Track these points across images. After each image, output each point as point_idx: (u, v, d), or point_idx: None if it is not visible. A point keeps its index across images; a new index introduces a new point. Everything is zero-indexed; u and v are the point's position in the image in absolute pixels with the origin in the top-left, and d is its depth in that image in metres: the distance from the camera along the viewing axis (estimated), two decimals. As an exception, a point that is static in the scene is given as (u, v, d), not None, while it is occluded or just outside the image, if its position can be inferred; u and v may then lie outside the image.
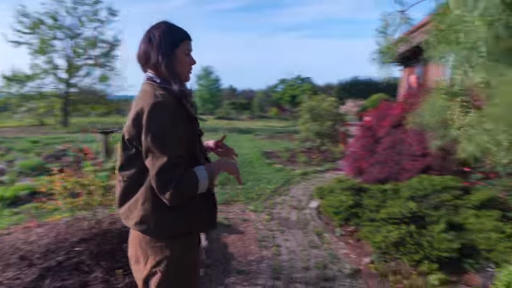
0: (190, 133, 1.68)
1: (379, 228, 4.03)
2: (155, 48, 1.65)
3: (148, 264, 1.68)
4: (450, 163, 5.54)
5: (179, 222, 1.65)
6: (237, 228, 4.50)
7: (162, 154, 1.52)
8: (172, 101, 1.62)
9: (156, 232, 1.65)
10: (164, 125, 1.54)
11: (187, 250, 1.71)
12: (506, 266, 3.07)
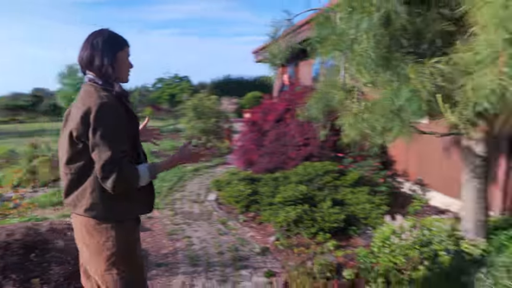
0: (131, 130, 1.86)
1: (278, 210, 4.53)
2: (99, 52, 1.78)
3: (97, 246, 1.80)
4: (328, 150, 6.43)
5: (124, 207, 1.83)
6: (144, 225, 4.50)
7: (107, 149, 1.67)
8: (114, 101, 1.77)
9: (103, 216, 1.80)
10: (109, 123, 1.71)
11: (129, 231, 1.88)
12: (379, 228, 3.83)
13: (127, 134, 1.80)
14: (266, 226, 4.53)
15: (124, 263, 1.82)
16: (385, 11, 2.09)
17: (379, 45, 2.30)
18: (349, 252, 3.63)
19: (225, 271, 3.37)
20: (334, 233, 4.06)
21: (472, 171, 3.30)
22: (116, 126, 1.73)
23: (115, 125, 1.72)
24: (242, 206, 4.99)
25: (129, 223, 1.88)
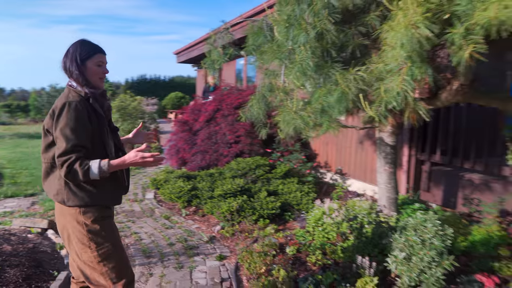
0: (97, 127, 2.03)
1: (219, 202, 4.90)
2: (69, 59, 2.02)
3: (69, 229, 2.02)
4: (257, 146, 6.94)
5: (88, 195, 2.00)
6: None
7: (64, 142, 1.88)
8: (81, 102, 1.97)
9: (68, 203, 1.99)
10: (68, 121, 1.90)
11: (97, 217, 2.03)
12: (311, 211, 4.41)
13: (91, 132, 1.98)
14: (209, 218, 4.87)
15: (97, 243, 2.01)
16: (318, 29, 2.60)
17: (314, 55, 2.80)
18: (287, 233, 4.15)
19: (179, 259, 3.66)
20: (273, 219, 4.56)
21: (384, 158, 4.00)
22: (74, 124, 1.90)
23: (73, 123, 1.90)
24: (183, 201, 5.26)
25: (98, 209, 2.03)
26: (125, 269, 2.11)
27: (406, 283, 2.75)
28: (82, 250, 2.02)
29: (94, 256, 2.01)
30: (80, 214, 2.00)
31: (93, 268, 2.04)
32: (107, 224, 2.09)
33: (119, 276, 2.05)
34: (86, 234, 1.99)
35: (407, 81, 2.20)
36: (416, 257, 2.72)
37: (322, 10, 2.61)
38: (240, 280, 3.23)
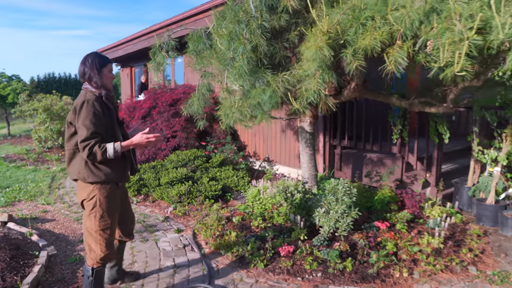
0: (108, 120, 2.64)
1: (167, 189, 5.56)
2: (89, 67, 2.61)
3: (84, 199, 2.63)
4: (192, 140, 7.63)
5: (102, 174, 2.60)
6: (45, 218, 4.91)
7: (85, 131, 2.49)
8: (96, 100, 2.59)
9: (88, 179, 2.57)
10: (87, 115, 2.51)
11: (109, 192, 2.64)
12: (247, 191, 5.29)
13: (104, 123, 2.55)
14: (160, 203, 5.50)
15: (100, 211, 2.60)
16: (254, 43, 3.44)
17: (249, 63, 3.64)
18: (231, 209, 4.98)
19: (142, 235, 4.29)
20: (216, 199, 5.34)
21: (305, 143, 5.01)
22: (91, 116, 2.47)
23: (91, 116, 2.47)
24: (133, 190, 5.80)
25: (110, 186, 2.65)
26: (112, 245, 2.71)
27: (326, 230, 3.75)
28: (88, 217, 2.62)
29: (96, 225, 2.60)
30: (95, 190, 2.57)
31: (90, 234, 2.63)
32: (113, 203, 2.67)
33: (107, 247, 2.64)
34: (96, 206, 2.58)
35: (320, 83, 3.15)
36: (332, 210, 3.74)
37: (256, 29, 3.46)
38: (199, 244, 3.99)
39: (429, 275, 3.18)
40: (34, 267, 3.30)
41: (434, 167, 5.04)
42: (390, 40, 2.72)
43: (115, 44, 12.49)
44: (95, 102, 2.53)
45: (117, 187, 2.72)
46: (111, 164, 2.60)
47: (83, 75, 2.64)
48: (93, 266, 2.64)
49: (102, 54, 2.74)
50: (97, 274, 2.67)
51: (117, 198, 2.73)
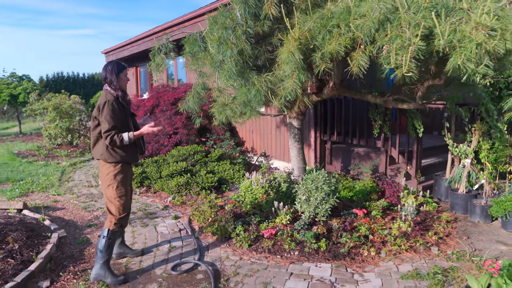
0: (122, 116, 3.23)
1: (167, 181, 5.99)
2: (109, 73, 3.19)
3: (104, 175, 3.25)
4: (193, 136, 8.06)
5: (118, 156, 3.23)
6: (56, 206, 5.38)
7: (107, 124, 3.11)
8: (114, 100, 3.19)
9: (108, 160, 3.22)
10: (108, 112, 3.12)
11: (122, 170, 3.28)
12: (241, 182, 5.70)
13: (120, 119, 3.18)
14: (161, 194, 5.94)
15: (117, 182, 3.23)
16: (240, 48, 3.85)
17: (237, 65, 4.05)
18: (225, 199, 5.40)
19: (143, 221, 4.73)
20: (213, 190, 5.77)
21: (293, 137, 5.40)
22: (111, 113, 3.12)
23: (111, 113, 3.12)
24: (136, 182, 6.25)
25: (123, 165, 3.27)
26: (127, 207, 3.35)
27: (307, 215, 4.16)
28: (107, 189, 3.24)
29: (113, 193, 3.23)
30: (113, 167, 3.22)
31: (110, 201, 3.26)
32: (126, 177, 3.33)
33: (124, 210, 3.29)
34: (114, 179, 3.22)
35: (296, 82, 3.54)
36: (313, 197, 4.14)
37: (242, 35, 3.87)
38: (193, 229, 4.42)
39: (395, 254, 3.57)
40: (47, 246, 3.76)
41: (414, 160, 5.40)
42: (352, 45, 3.11)
43: (121, 44, 12.98)
44: (114, 102, 3.18)
45: (129, 166, 3.38)
46: (124, 149, 3.26)
47: (104, 79, 3.26)
48: (110, 228, 3.24)
49: (120, 62, 3.35)
50: (113, 235, 3.26)
51: (128, 174, 3.39)
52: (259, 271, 3.33)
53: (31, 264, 3.38)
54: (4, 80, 17.29)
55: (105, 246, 3.20)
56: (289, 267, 3.40)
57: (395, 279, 3.13)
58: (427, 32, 2.77)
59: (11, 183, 6.83)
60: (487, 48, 2.61)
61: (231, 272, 3.34)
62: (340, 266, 3.38)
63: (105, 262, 3.22)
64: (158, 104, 8.73)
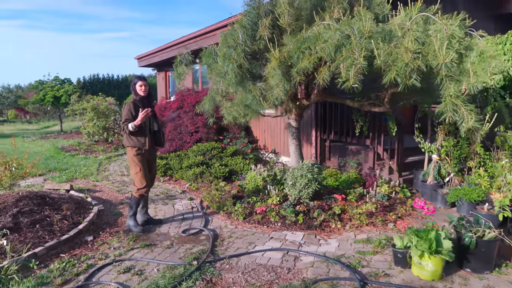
0: (136, 114, 4.33)
1: (186, 171, 7.10)
2: (131, 85, 4.32)
3: (128, 157, 4.42)
4: (212, 134, 9.15)
5: (132, 141, 4.38)
6: (95, 189, 6.60)
7: (123, 118, 4.28)
8: (132, 103, 4.33)
9: (127, 144, 4.41)
10: (125, 111, 4.29)
11: (136, 152, 4.41)
12: (247, 173, 6.72)
13: (134, 115, 4.31)
14: (180, 182, 7.05)
15: (135, 162, 4.39)
16: (239, 63, 4.86)
17: (237, 76, 5.07)
18: (233, 185, 6.43)
19: (164, 201, 5.84)
20: (223, 179, 6.81)
21: (292, 135, 6.35)
22: (124, 111, 4.30)
23: (124, 110, 4.29)
24: (161, 172, 7.40)
25: (138, 149, 4.40)
26: (147, 181, 4.46)
27: (293, 197, 5.12)
28: (130, 166, 4.41)
29: (133, 170, 4.41)
30: (131, 150, 4.38)
31: (132, 174, 4.44)
32: (141, 157, 4.45)
33: (141, 183, 4.44)
34: (133, 159, 4.37)
35: (282, 91, 4.52)
36: (298, 183, 5.09)
37: (241, 52, 4.89)
38: (203, 207, 5.49)
39: (357, 227, 4.48)
40: (90, 214, 4.92)
41: (395, 156, 6.24)
42: (319, 62, 4.07)
43: (152, 51, 14.32)
44: (131, 103, 4.35)
45: (141, 150, 4.46)
46: (136, 137, 4.38)
47: (131, 89, 4.43)
48: (134, 195, 4.50)
49: (139, 75, 4.52)
50: (138, 200, 4.54)
51: (143, 156, 4.48)
52: (247, 236, 4.34)
53: (80, 225, 4.54)
54: (49, 83, 19.11)
55: (132, 203, 4.54)
56: (271, 233, 4.38)
57: (350, 243, 4.05)
58: (370, 53, 3.69)
59: (58, 171, 8.16)
60: (411, 66, 3.51)
61: (226, 236, 4.36)
62: (311, 234, 4.33)
63: (132, 215, 4.55)
64: (182, 106, 9.88)
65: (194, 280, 3.27)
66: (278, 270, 3.45)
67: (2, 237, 4.01)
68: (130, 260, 3.75)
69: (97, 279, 3.40)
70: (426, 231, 3.26)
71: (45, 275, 3.44)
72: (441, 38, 3.46)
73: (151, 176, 4.68)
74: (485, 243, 3.27)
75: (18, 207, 4.68)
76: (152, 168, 4.72)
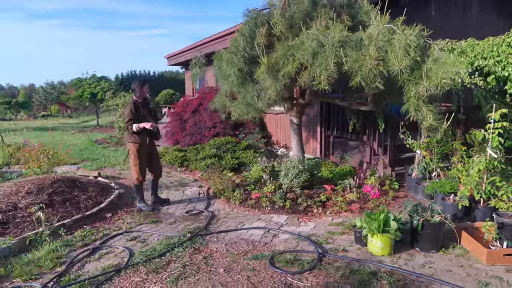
0: (138, 113, 5.13)
1: (200, 162, 7.88)
2: (136, 86, 5.09)
3: (130, 150, 5.20)
4: (228, 130, 9.90)
5: (134, 138, 5.16)
6: (120, 177, 7.52)
7: (126, 118, 5.08)
8: (132, 102, 5.11)
9: (129, 141, 5.21)
10: (126, 110, 5.09)
11: (137, 148, 5.20)
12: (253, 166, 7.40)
13: (135, 115, 5.08)
14: (195, 172, 7.85)
15: (136, 156, 5.17)
16: (239, 67, 5.54)
17: (238, 78, 5.75)
18: (238, 176, 7.14)
19: (177, 188, 6.65)
20: (232, 170, 7.53)
21: (294, 131, 6.97)
22: (127, 111, 5.07)
23: (127, 110, 5.07)
24: (178, 163, 8.24)
25: (139, 145, 5.17)
26: (143, 174, 5.24)
27: (285, 186, 5.75)
28: (130, 157, 5.20)
29: (132, 162, 5.19)
30: (132, 145, 5.15)
31: (132, 167, 5.23)
32: (141, 151, 5.20)
33: (139, 174, 5.21)
34: (133, 153, 5.15)
35: (273, 91, 5.17)
36: (290, 173, 5.73)
37: (241, 58, 5.57)
38: (209, 193, 6.24)
39: (336, 213, 5.06)
40: (111, 196, 5.81)
41: (388, 152, 6.72)
42: (301, 67, 4.68)
43: (178, 51, 15.28)
44: (132, 104, 5.10)
45: (140, 145, 5.21)
46: (138, 135, 5.13)
47: (133, 89, 5.16)
48: (135, 183, 5.28)
49: (144, 80, 5.31)
50: (138, 187, 5.33)
51: (141, 150, 5.25)
52: (240, 217, 5.04)
53: (101, 204, 5.42)
54: (87, 80, 20.61)
55: (136, 191, 5.35)
56: (260, 215, 5.06)
57: (325, 225, 4.65)
58: (340, 60, 4.26)
59: (90, 161, 9.20)
60: (374, 72, 4.06)
61: (222, 216, 5.09)
62: (294, 217, 4.97)
63: (141, 199, 5.35)
64: (202, 103, 10.70)
65: (184, 247, 4.02)
66: (256, 244, 4.13)
67: (40, 210, 4.93)
68: (138, 232, 4.55)
69: (109, 244, 4.22)
70: (377, 213, 3.82)
71: (70, 240, 4.31)
72: (400, 47, 3.98)
73: (156, 167, 5.52)
74: (431, 226, 3.79)
75: (53, 188, 5.62)
76: (155, 160, 5.51)
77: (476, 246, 3.70)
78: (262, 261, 3.66)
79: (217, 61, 6.92)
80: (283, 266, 3.55)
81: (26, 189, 5.50)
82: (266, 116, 10.27)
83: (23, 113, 36.64)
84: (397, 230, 3.72)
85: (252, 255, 3.80)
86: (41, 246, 4.08)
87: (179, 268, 3.57)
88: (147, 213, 5.25)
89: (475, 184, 4.54)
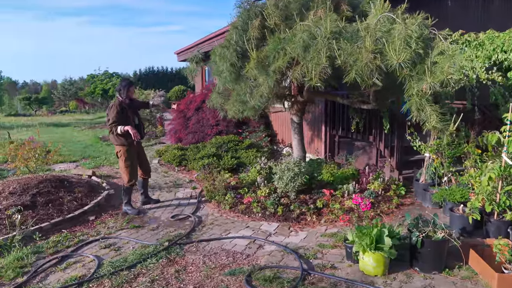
0: (124, 114, 4.83)
1: (198, 162, 7.56)
2: (122, 87, 4.84)
3: (118, 152, 4.90)
4: (232, 127, 9.55)
5: (121, 141, 4.85)
6: (115, 176, 7.28)
7: (111, 119, 4.77)
8: (118, 104, 4.79)
9: (115, 143, 4.88)
10: (111, 111, 4.79)
11: (126, 150, 4.90)
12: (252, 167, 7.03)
13: (120, 116, 4.78)
14: (192, 172, 7.54)
15: (124, 158, 4.87)
16: (232, 61, 5.17)
17: (232, 74, 5.38)
18: (236, 177, 6.79)
19: (170, 189, 6.35)
20: (231, 171, 7.18)
21: (294, 130, 6.57)
22: (113, 112, 4.74)
23: (113, 112, 4.75)
24: (176, 162, 7.95)
25: (126, 146, 4.88)
26: (135, 175, 4.96)
27: (280, 189, 5.36)
28: (120, 160, 4.90)
29: (123, 164, 4.89)
30: (119, 147, 4.85)
31: (122, 170, 4.95)
32: (130, 153, 4.92)
33: (129, 176, 4.94)
34: (122, 154, 4.86)
35: (266, 88, 4.78)
36: (285, 176, 5.33)
37: (233, 52, 5.19)
38: (202, 195, 5.91)
39: (331, 221, 4.64)
40: (98, 197, 5.54)
41: (395, 154, 6.23)
42: (292, 62, 4.27)
43: (186, 47, 15.03)
44: (117, 105, 4.81)
45: (129, 146, 4.94)
46: (123, 136, 4.85)
47: (118, 90, 4.91)
48: (125, 185, 5.00)
49: (131, 81, 5.03)
50: (127, 189, 5.05)
51: (131, 151, 4.98)
52: (227, 224, 4.68)
53: (85, 206, 5.16)
54: (99, 77, 20.65)
55: (124, 193, 5.03)
56: (249, 222, 4.70)
57: (317, 236, 4.24)
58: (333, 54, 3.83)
59: (91, 158, 9.02)
60: (371, 66, 3.62)
61: (208, 222, 4.74)
62: (285, 226, 4.58)
63: (127, 202, 5.09)
64: (205, 100, 10.36)
65: (158, 258, 3.69)
66: (237, 256, 3.77)
67: (17, 212, 4.70)
68: (115, 239, 4.26)
69: (81, 251, 3.93)
70: (369, 228, 3.39)
71: (42, 246, 4.05)
72: (399, 38, 3.53)
73: (145, 167, 5.24)
74: (432, 243, 3.33)
75: (39, 188, 5.40)
76: (143, 159, 5.27)
77: (486, 268, 3.22)
78: (239, 278, 3.29)
79: (213, 56, 6.58)
80: (260, 284, 3.17)
81: (11, 189, 5.30)
82: (271, 114, 9.87)
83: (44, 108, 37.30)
84: (391, 247, 3.28)
85: (229, 270, 3.44)
86: (9, 253, 3.82)
87: (146, 283, 3.24)
88: (132, 217, 4.96)
89: (487, 194, 4.03)
